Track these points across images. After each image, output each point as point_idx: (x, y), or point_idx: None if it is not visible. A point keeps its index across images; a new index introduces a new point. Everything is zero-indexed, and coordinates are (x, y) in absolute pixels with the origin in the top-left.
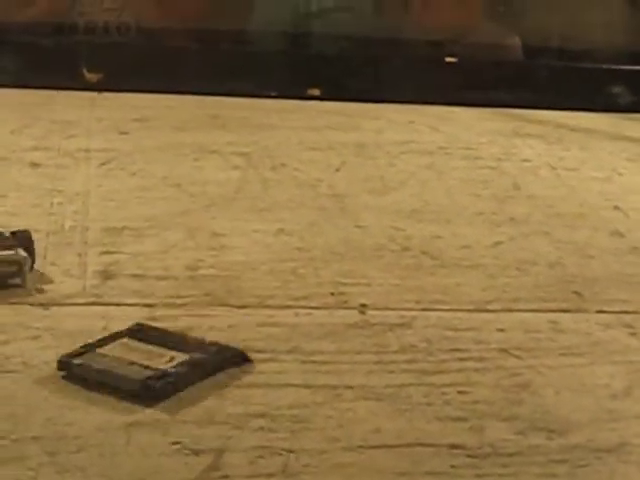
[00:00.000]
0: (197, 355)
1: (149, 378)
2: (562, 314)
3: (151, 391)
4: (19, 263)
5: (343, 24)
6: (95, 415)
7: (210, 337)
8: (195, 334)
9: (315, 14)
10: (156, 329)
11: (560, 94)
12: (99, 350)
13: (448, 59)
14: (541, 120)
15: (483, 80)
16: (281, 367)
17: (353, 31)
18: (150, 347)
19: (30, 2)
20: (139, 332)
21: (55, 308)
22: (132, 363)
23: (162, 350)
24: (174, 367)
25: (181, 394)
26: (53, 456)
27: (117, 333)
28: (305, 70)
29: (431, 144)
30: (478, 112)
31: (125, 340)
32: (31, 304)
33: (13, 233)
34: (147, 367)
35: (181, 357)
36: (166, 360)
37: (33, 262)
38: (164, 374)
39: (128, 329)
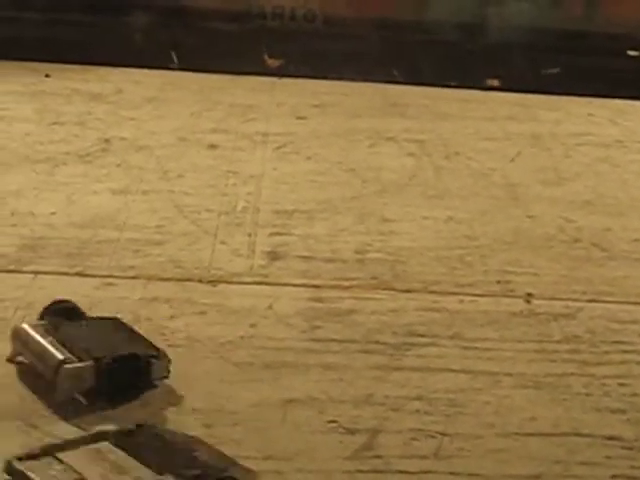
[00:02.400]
0: None
1: None
2: None
3: None
4: None
5: (523, 14)
6: (253, 391)
7: (372, 320)
8: (358, 316)
9: (493, 2)
10: (156, 434)
11: None
12: (61, 454)
13: (631, 52)
14: None
15: None
16: (441, 352)
17: (533, 22)
18: (122, 460)
19: None
20: (127, 436)
21: (222, 285)
22: None
23: (134, 466)
24: None
25: (340, 372)
26: (210, 428)
27: (101, 433)
28: (485, 60)
29: (608, 137)
30: None
31: (100, 446)
32: (200, 281)
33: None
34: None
35: None
36: None
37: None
38: None
39: (117, 431)
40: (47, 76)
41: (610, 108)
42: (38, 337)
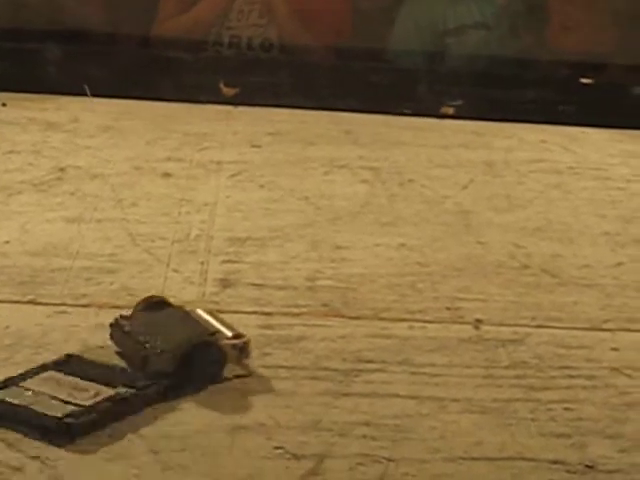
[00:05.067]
0: (122, 390)
1: (68, 415)
2: None
3: (68, 429)
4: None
5: (480, 42)
6: (201, 417)
7: (321, 347)
8: (308, 343)
9: (452, 31)
10: (85, 361)
11: None
12: (22, 383)
13: (584, 80)
14: None
15: (619, 102)
16: (390, 378)
17: (490, 50)
18: (76, 380)
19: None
20: (66, 365)
21: None
22: (54, 398)
23: (87, 384)
24: (96, 403)
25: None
26: (157, 454)
27: (43, 365)
28: (440, 88)
29: (561, 164)
30: (610, 133)
31: (51, 373)
32: None
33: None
34: (68, 403)
35: (106, 392)
36: (89, 395)
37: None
38: (84, 411)
39: (54, 361)
40: (3, 105)
41: (563, 135)
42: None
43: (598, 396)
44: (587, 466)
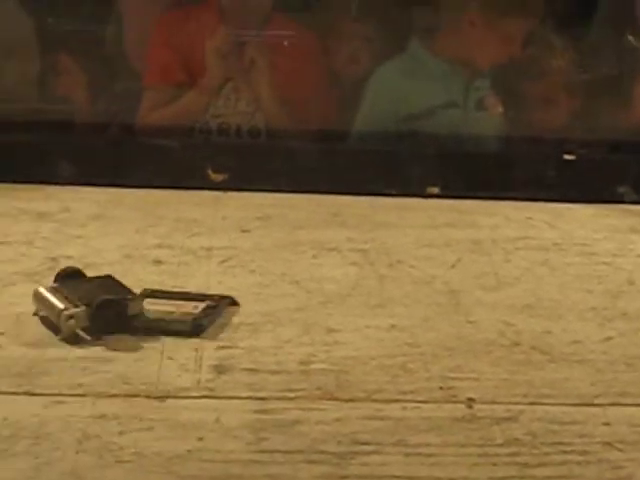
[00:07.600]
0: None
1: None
2: None
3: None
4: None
5: (451, 121)
6: None
7: (317, 430)
8: (303, 427)
9: (423, 113)
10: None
11: None
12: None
13: (567, 156)
14: None
15: (602, 177)
16: (385, 459)
17: (463, 129)
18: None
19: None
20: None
21: (170, 401)
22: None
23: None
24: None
25: None
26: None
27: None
28: (424, 169)
29: (547, 240)
30: (595, 208)
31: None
32: (148, 397)
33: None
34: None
35: (200, 305)
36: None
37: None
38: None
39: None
40: None
41: (548, 212)
42: (48, 295)
43: (592, 471)
44: None
